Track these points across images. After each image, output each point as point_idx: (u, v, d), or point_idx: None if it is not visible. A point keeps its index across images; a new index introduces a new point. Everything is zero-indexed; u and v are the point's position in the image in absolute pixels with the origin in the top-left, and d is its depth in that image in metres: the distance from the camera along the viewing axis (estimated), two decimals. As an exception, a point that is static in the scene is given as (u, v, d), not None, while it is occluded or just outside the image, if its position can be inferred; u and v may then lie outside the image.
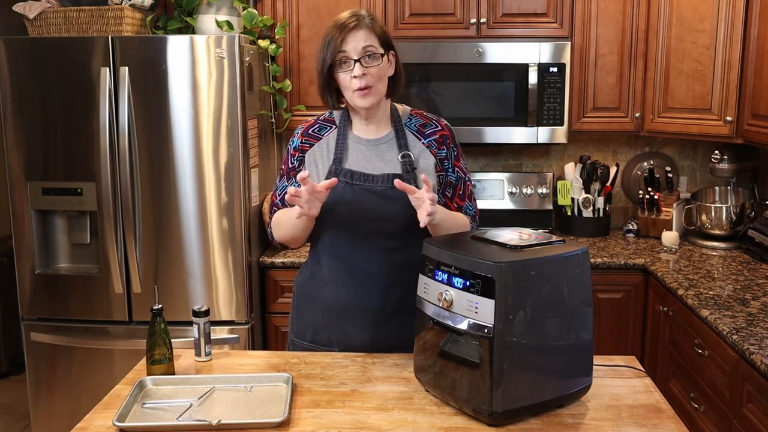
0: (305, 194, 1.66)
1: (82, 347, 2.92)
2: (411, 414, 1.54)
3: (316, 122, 1.95)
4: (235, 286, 2.86)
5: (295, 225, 1.83)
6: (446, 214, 1.82)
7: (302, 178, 1.65)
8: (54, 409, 2.99)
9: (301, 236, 1.91)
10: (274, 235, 1.95)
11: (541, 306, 1.46)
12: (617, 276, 2.93)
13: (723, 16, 2.80)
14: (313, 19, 3.20)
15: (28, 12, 2.88)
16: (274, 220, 1.94)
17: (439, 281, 1.52)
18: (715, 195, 3.23)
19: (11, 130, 2.84)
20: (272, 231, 1.96)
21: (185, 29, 3.11)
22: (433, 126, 1.92)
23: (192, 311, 1.83)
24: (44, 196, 2.86)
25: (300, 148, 1.92)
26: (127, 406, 1.55)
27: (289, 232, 1.89)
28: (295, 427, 1.49)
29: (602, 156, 3.53)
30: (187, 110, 2.76)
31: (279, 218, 1.92)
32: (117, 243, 2.84)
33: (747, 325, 2.08)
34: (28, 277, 2.92)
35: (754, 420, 1.91)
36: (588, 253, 1.55)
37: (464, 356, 1.47)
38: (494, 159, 3.59)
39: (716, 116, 2.88)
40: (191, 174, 2.80)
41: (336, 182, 1.71)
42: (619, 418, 1.52)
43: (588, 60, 3.16)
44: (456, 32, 3.17)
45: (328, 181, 1.70)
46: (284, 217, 1.90)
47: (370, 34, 1.79)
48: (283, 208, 1.93)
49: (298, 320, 1.99)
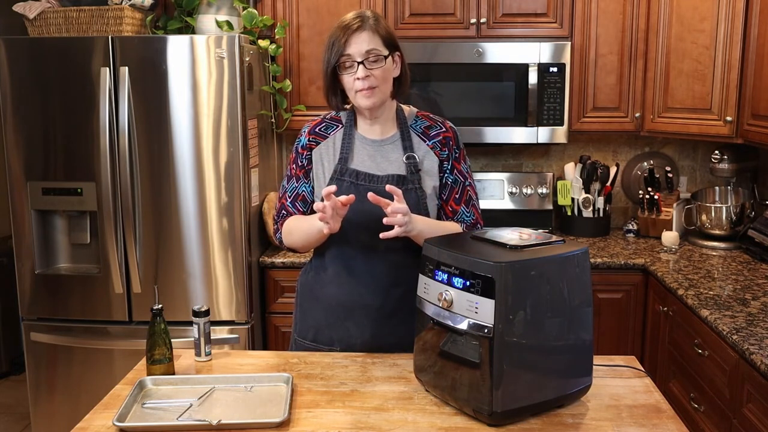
0: (329, 209, 1.65)
1: (82, 347, 2.92)
2: (411, 414, 1.54)
3: (323, 120, 1.96)
4: (235, 286, 2.86)
5: (311, 235, 1.82)
6: (428, 224, 1.79)
7: (327, 193, 1.64)
8: (54, 409, 2.99)
9: (315, 245, 1.90)
10: (283, 240, 1.94)
11: (541, 306, 1.46)
12: (617, 276, 2.93)
13: (723, 16, 2.80)
14: (313, 19, 3.20)
15: (28, 12, 2.88)
16: (286, 228, 1.92)
17: (439, 281, 1.52)
18: (715, 195, 3.23)
19: (11, 130, 2.84)
20: (281, 236, 1.94)
21: (185, 29, 3.11)
22: (437, 128, 1.92)
23: (192, 311, 1.83)
24: (44, 196, 2.86)
25: (308, 146, 1.92)
26: (127, 406, 1.55)
27: (302, 241, 1.89)
28: (295, 427, 1.49)
29: (602, 156, 3.53)
30: (187, 110, 2.76)
31: (290, 227, 1.91)
32: (117, 243, 2.84)
33: (747, 325, 2.08)
34: (28, 277, 2.92)
35: (754, 420, 1.91)
36: (588, 253, 1.55)
37: (464, 356, 1.47)
38: (494, 159, 3.59)
39: (716, 116, 2.88)
40: (191, 174, 2.80)
41: (353, 199, 1.68)
42: (619, 418, 1.52)
43: (588, 60, 3.16)
44: (456, 32, 3.17)
45: (346, 197, 1.67)
46: (297, 226, 1.88)
47: (374, 36, 1.79)
48: (293, 211, 1.93)
49: (302, 319, 1.99)
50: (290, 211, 1.94)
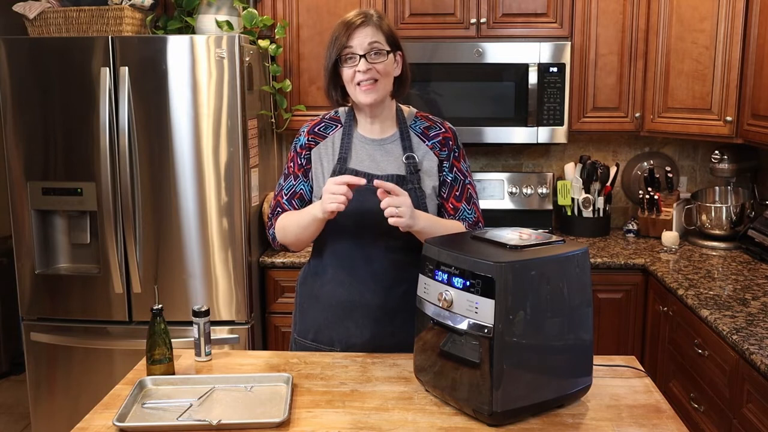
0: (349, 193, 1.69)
1: (82, 347, 2.92)
2: (411, 414, 1.54)
3: (322, 120, 1.95)
4: (235, 286, 2.86)
5: (306, 227, 1.82)
6: (431, 222, 1.79)
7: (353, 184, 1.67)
8: (54, 409, 2.99)
9: (308, 240, 1.90)
10: (276, 236, 1.94)
11: (541, 306, 1.46)
12: (617, 276, 2.93)
13: (723, 16, 2.80)
14: (313, 19, 3.20)
15: (28, 12, 2.88)
16: (279, 224, 1.92)
17: (439, 281, 1.52)
18: (715, 195, 3.23)
19: (11, 130, 2.84)
20: (275, 233, 1.94)
21: (185, 29, 3.11)
22: (437, 128, 1.92)
23: (192, 311, 1.83)
24: (44, 196, 2.86)
25: (307, 146, 1.92)
26: (127, 406, 1.55)
27: (295, 235, 1.88)
28: (295, 427, 1.49)
29: (602, 156, 3.53)
30: (187, 110, 2.76)
31: (284, 222, 1.90)
32: (117, 243, 2.84)
33: (747, 325, 2.08)
34: (28, 277, 2.92)
35: (754, 420, 1.91)
36: (588, 253, 1.55)
37: (464, 356, 1.47)
38: (494, 159, 3.59)
39: (716, 116, 2.88)
40: (191, 174, 2.80)
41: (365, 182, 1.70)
42: (619, 418, 1.52)
43: (588, 60, 3.16)
44: (456, 32, 3.17)
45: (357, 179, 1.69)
46: (290, 221, 1.88)
47: (377, 32, 1.79)
48: (288, 209, 1.93)
49: (301, 319, 1.99)
50: (285, 208, 1.93)
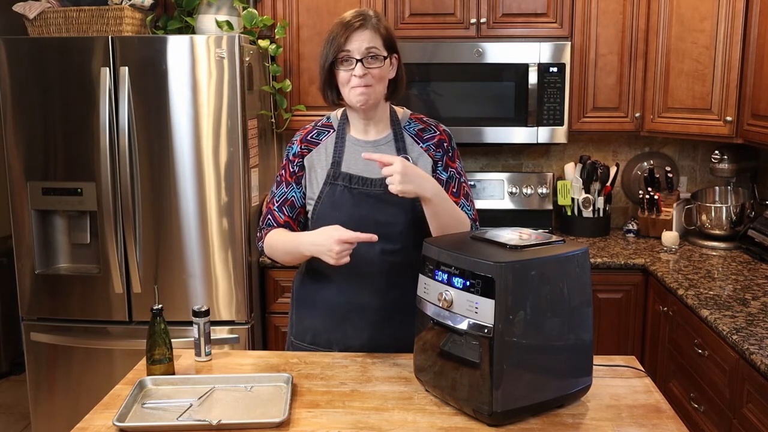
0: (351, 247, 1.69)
1: (82, 347, 2.92)
2: (411, 414, 1.54)
3: (314, 128, 1.95)
4: (235, 286, 2.86)
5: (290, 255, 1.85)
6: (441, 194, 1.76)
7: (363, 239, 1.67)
8: (54, 409, 2.99)
9: (295, 264, 1.94)
10: (264, 249, 1.93)
11: (541, 306, 1.46)
12: (617, 276, 2.93)
13: (723, 16, 2.80)
14: (313, 19, 3.20)
15: (28, 12, 2.88)
16: (268, 241, 1.91)
17: (439, 281, 1.52)
18: (715, 195, 3.23)
19: (11, 130, 2.84)
20: (263, 245, 1.93)
21: (185, 29, 3.11)
22: (431, 131, 1.92)
23: (192, 311, 1.83)
24: (44, 196, 2.86)
25: (299, 154, 1.92)
26: (127, 406, 1.55)
27: (281, 258, 1.91)
28: (295, 427, 1.49)
29: (602, 156, 3.53)
30: (187, 110, 2.76)
31: (272, 241, 1.90)
32: (117, 243, 2.84)
33: (747, 325, 2.08)
34: (28, 277, 2.92)
35: (754, 420, 1.91)
36: (588, 253, 1.55)
37: (464, 356, 1.47)
38: (494, 159, 3.59)
39: (716, 116, 2.88)
40: (191, 174, 2.80)
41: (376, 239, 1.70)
42: (619, 418, 1.52)
43: (588, 60, 3.16)
44: (456, 32, 3.17)
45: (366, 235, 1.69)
46: (278, 242, 1.88)
47: (375, 35, 1.78)
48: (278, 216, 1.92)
49: (298, 322, 1.98)
50: (276, 216, 1.92)
